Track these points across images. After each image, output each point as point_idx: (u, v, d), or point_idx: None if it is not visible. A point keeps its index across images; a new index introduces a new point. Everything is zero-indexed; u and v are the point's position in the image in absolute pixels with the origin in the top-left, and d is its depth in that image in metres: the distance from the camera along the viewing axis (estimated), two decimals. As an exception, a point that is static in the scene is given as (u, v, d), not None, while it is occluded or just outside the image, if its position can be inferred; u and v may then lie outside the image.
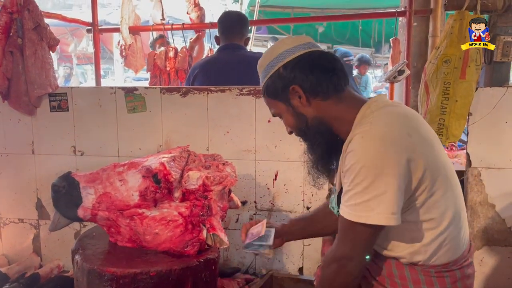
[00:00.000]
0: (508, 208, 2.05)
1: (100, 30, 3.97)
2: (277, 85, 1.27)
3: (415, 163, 1.13)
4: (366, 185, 1.12)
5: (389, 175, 1.10)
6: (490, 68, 2.10)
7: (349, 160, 1.16)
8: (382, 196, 1.11)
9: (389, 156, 1.11)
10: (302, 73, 1.24)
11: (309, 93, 1.25)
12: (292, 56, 1.26)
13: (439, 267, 1.23)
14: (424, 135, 1.20)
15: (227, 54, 2.57)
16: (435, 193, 1.18)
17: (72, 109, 2.34)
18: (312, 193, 2.19)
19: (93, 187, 1.67)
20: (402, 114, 1.23)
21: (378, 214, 1.11)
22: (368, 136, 1.14)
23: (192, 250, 1.60)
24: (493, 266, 2.10)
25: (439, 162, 1.21)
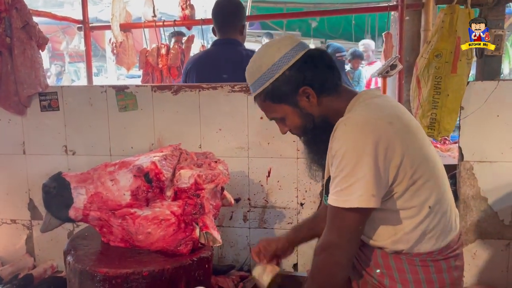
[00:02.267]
0: (500, 201, 2.06)
1: (91, 27, 3.93)
2: (285, 89, 1.27)
3: (393, 150, 1.15)
4: (348, 171, 1.15)
5: (367, 159, 1.13)
6: (481, 62, 2.10)
7: (334, 147, 1.19)
8: (362, 180, 1.14)
9: (367, 141, 1.14)
10: (311, 72, 1.26)
11: (319, 92, 1.27)
12: (296, 58, 1.26)
13: (423, 255, 1.25)
14: (406, 124, 1.23)
15: (220, 49, 2.52)
16: (416, 181, 1.20)
17: (63, 108, 2.32)
18: (306, 189, 2.19)
19: (84, 187, 1.65)
20: (387, 105, 1.27)
21: (359, 197, 1.14)
22: (350, 123, 1.18)
23: (185, 249, 1.60)
24: (486, 259, 2.11)
25: (421, 151, 1.22)
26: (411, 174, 1.19)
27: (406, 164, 1.17)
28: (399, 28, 3.43)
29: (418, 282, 1.26)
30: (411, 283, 1.26)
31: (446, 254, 1.28)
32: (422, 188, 1.21)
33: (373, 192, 1.14)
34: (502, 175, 2.04)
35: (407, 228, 1.24)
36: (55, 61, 10.31)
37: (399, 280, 1.27)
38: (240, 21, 2.57)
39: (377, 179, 1.14)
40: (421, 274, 1.26)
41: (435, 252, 1.26)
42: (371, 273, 1.33)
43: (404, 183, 1.19)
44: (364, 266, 1.35)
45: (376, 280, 1.31)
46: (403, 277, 1.27)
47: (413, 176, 1.19)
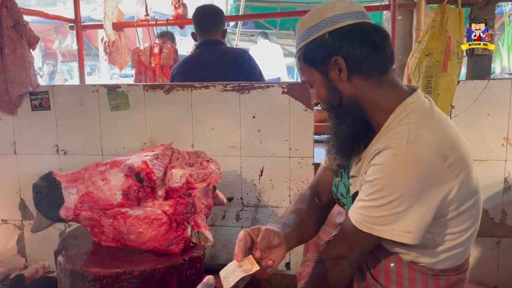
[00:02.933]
0: (491, 199, 2.08)
1: (83, 26, 3.91)
2: (318, 53, 1.15)
3: (440, 188, 1.07)
4: (386, 203, 1.07)
5: (414, 196, 1.06)
6: (472, 61, 2.11)
7: (374, 172, 1.09)
8: (400, 214, 1.07)
9: (414, 178, 1.05)
10: (349, 45, 1.12)
11: (352, 69, 1.14)
12: (342, 24, 1.13)
13: (437, 271, 1.22)
14: (460, 154, 1.12)
15: (205, 50, 2.55)
16: (463, 211, 1.14)
17: (54, 108, 2.31)
18: (298, 188, 2.19)
19: (75, 187, 1.65)
20: (440, 127, 1.14)
21: (392, 230, 1.08)
22: (401, 156, 1.06)
23: (177, 249, 1.59)
24: (477, 257, 2.13)
25: (469, 182, 1.14)
26: (458, 205, 1.13)
27: (457, 198, 1.11)
28: (391, 27, 3.44)
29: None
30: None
31: (458, 271, 1.25)
32: (467, 215, 1.16)
33: (409, 228, 1.08)
34: (493, 173, 2.06)
35: (439, 247, 1.19)
36: (48, 60, 10.24)
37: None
38: (222, 25, 2.65)
39: (417, 217, 1.07)
40: (431, 286, 1.22)
41: (450, 269, 1.23)
42: (378, 277, 1.28)
43: (450, 213, 1.13)
44: (371, 268, 1.31)
45: (381, 285, 1.27)
46: (412, 287, 1.23)
47: (461, 207, 1.13)
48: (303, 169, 2.17)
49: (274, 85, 2.15)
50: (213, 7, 2.77)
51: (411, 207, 1.06)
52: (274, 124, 2.16)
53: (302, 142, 2.14)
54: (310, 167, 2.17)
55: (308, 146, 2.15)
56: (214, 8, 2.73)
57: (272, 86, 2.15)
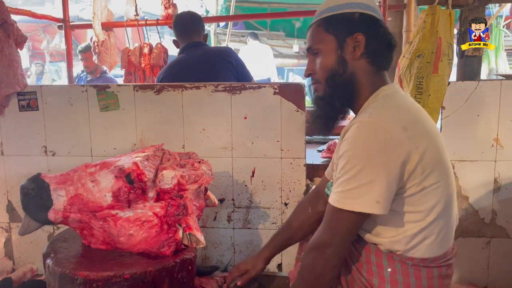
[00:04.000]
0: (481, 199, 2.09)
1: (71, 26, 3.88)
2: (344, 24, 1.26)
3: (403, 157, 1.13)
4: (354, 173, 1.14)
5: (374, 165, 1.13)
6: (462, 62, 2.13)
7: (343, 147, 1.18)
8: (369, 185, 1.13)
9: (377, 146, 1.13)
10: (374, 31, 1.25)
11: (366, 51, 1.25)
12: (370, 13, 1.27)
13: (416, 260, 1.23)
14: (422, 129, 1.20)
15: (189, 53, 2.55)
16: (426, 187, 1.18)
17: (42, 108, 2.27)
18: (290, 189, 2.19)
19: (64, 189, 1.62)
20: (404, 106, 1.24)
21: (363, 202, 1.14)
22: (364, 127, 1.16)
23: (168, 251, 1.57)
24: (467, 257, 2.14)
25: (435, 157, 1.20)
26: (421, 180, 1.17)
27: (418, 170, 1.16)
28: (381, 28, 3.45)
29: (407, 285, 1.24)
30: (400, 284, 1.24)
31: (440, 263, 1.26)
32: (431, 194, 1.19)
33: (378, 198, 1.13)
34: (483, 174, 2.07)
35: (409, 231, 1.22)
36: (36, 60, 10.12)
37: (389, 280, 1.25)
38: (203, 30, 2.70)
39: (383, 186, 1.13)
40: (412, 277, 1.24)
41: (430, 259, 1.24)
42: (361, 270, 1.31)
43: (413, 188, 1.18)
44: (354, 261, 1.33)
45: (364, 278, 1.30)
46: (393, 278, 1.25)
47: (423, 182, 1.17)
48: (295, 170, 2.17)
49: (266, 85, 2.14)
50: (192, 13, 2.80)
51: (377, 177, 1.13)
52: (266, 125, 2.15)
53: (294, 143, 2.14)
54: (302, 168, 2.16)
55: (300, 147, 2.14)
56: (193, 15, 2.76)
57: (263, 86, 2.14)
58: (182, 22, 2.66)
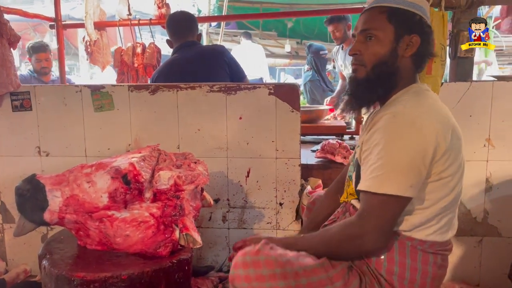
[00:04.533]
0: (473, 199, 2.12)
1: (64, 25, 3.86)
2: (407, 22, 1.31)
3: (435, 149, 1.21)
4: (388, 159, 1.20)
5: (411, 152, 1.20)
6: (454, 63, 2.15)
7: (378, 134, 1.24)
8: (402, 170, 1.19)
9: (413, 136, 1.20)
10: (428, 37, 1.35)
11: (417, 52, 1.33)
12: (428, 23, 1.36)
13: (416, 241, 1.29)
14: (450, 125, 1.29)
15: (183, 52, 2.55)
16: (442, 178, 1.26)
17: (36, 108, 2.25)
18: (285, 189, 2.20)
19: (60, 190, 1.61)
20: (435, 103, 1.33)
21: (398, 185, 1.19)
22: (400, 116, 1.24)
23: (164, 251, 1.57)
24: (460, 255, 2.17)
25: (457, 152, 1.29)
26: (442, 170, 1.25)
27: (442, 160, 1.24)
28: (374, 29, 3.48)
29: (403, 265, 1.30)
30: (396, 264, 1.30)
31: (436, 250, 1.31)
32: (445, 186, 1.27)
33: (411, 182, 1.20)
34: (475, 173, 2.10)
35: (416, 214, 1.28)
36: (25, 59, 10.01)
37: (386, 258, 1.31)
38: (196, 29, 2.69)
39: (416, 171, 1.20)
40: (408, 259, 1.29)
41: (428, 243, 1.30)
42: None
43: (433, 176, 1.25)
44: None
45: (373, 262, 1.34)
46: (390, 256, 1.31)
47: (442, 172, 1.25)
48: (289, 170, 2.18)
49: (261, 86, 2.15)
50: (185, 13, 2.80)
51: (411, 162, 1.20)
52: (261, 125, 2.16)
53: (289, 143, 2.15)
54: (297, 168, 2.18)
55: (294, 147, 2.15)
56: (186, 14, 2.76)
57: (259, 87, 2.15)
58: (176, 22, 2.66)
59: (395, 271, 1.30)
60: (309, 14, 5.96)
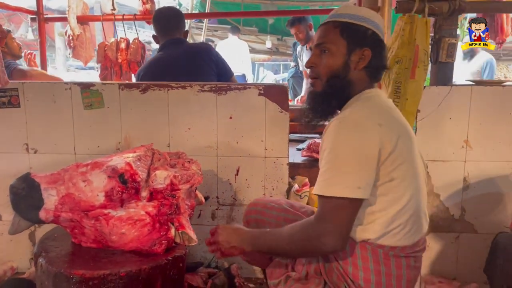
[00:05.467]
0: (451, 197, 2.24)
1: (46, 19, 3.80)
2: (359, 36, 1.38)
3: (378, 149, 1.26)
4: (335, 162, 1.25)
5: (356, 154, 1.24)
6: (436, 68, 2.25)
7: (325, 140, 1.30)
8: (349, 172, 1.23)
9: (356, 138, 1.26)
10: (379, 50, 1.41)
11: (369, 64, 1.39)
12: (380, 36, 1.42)
13: (387, 248, 1.33)
14: (396, 127, 1.34)
15: (170, 50, 2.54)
16: (394, 179, 1.29)
17: (24, 105, 2.24)
18: (273, 187, 2.26)
19: (55, 188, 1.63)
20: (381, 107, 1.39)
21: (345, 187, 1.23)
22: (344, 121, 1.30)
23: (159, 249, 1.61)
24: (438, 250, 2.28)
25: (406, 152, 1.32)
26: (391, 171, 1.28)
27: (389, 161, 1.27)
28: (357, 30, 3.57)
29: (378, 272, 1.35)
30: (372, 272, 1.35)
31: (408, 253, 1.37)
32: (398, 186, 1.30)
33: (358, 184, 1.23)
34: (453, 173, 2.22)
35: (378, 219, 1.32)
36: (-1, 50, 9.72)
37: (362, 268, 1.35)
38: (183, 26, 2.67)
39: (362, 173, 1.24)
40: (382, 266, 1.34)
41: (398, 248, 1.34)
42: (337, 259, 1.40)
43: (383, 177, 1.28)
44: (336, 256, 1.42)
45: (341, 267, 1.39)
46: (365, 266, 1.35)
47: (392, 173, 1.28)
48: (278, 168, 2.24)
49: (251, 86, 2.20)
50: (173, 8, 2.78)
51: (356, 165, 1.24)
52: (250, 125, 2.21)
53: (278, 142, 2.21)
54: (285, 167, 2.24)
55: (283, 147, 2.21)
56: (174, 9, 2.75)
57: (249, 87, 2.20)
58: (163, 17, 2.63)
59: (372, 280, 1.35)
60: (290, 13, 6.03)
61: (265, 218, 1.75)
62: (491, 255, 1.96)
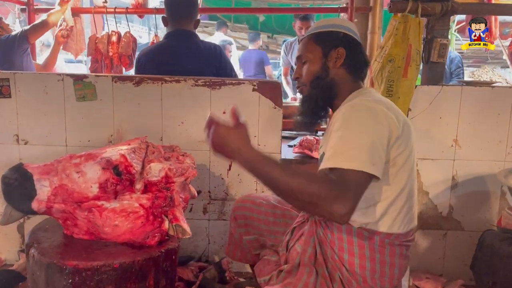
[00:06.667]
0: (439, 195, 2.28)
1: (36, 10, 3.75)
2: (331, 39, 1.50)
3: (391, 131, 1.30)
4: (349, 138, 1.26)
5: (370, 133, 1.27)
6: (427, 68, 2.29)
7: (337, 122, 1.32)
8: (363, 148, 1.23)
9: (370, 119, 1.30)
10: (353, 47, 1.51)
11: (346, 62, 1.49)
12: (353, 35, 1.53)
13: (383, 235, 1.37)
14: (400, 114, 1.40)
15: (177, 41, 2.45)
16: (396, 163, 1.34)
17: (15, 96, 2.21)
18: (265, 183, 2.27)
19: (48, 179, 1.62)
20: (381, 97, 1.49)
21: (361, 162, 1.20)
22: (356, 105, 1.35)
23: (153, 241, 1.62)
24: (426, 247, 2.33)
25: (407, 140, 1.37)
26: (396, 155, 1.33)
27: (396, 145, 1.32)
28: (348, 29, 3.60)
29: (373, 259, 1.39)
30: (368, 259, 1.39)
31: (401, 241, 1.41)
32: (398, 172, 1.35)
33: (373, 161, 1.22)
34: (442, 171, 2.26)
35: (378, 203, 1.36)
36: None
37: (358, 255, 1.39)
38: (196, 14, 2.55)
39: (375, 151, 1.24)
40: (377, 253, 1.39)
41: (394, 235, 1.39)
42: (333, 247, 1.42)
43: (388, 162, 1.32)
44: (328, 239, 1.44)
45: (336, 255, 1.42)
46: (361, 252, 1.39)
47: (397, 158, 1.33)
48: (270, 164, 2.25)
49: (245, 82, 2.21)
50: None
51: (370, 143, 1.25)
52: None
53: (271, 138, 2.22)
54: (277, 163, 2.25)
55: (276, 143, 2.23)
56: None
57: (243, 83, 2.21)
58: (176, 2, 2.49)
59: (367, 267, 1.39)
60: (283, 11, 6.05)
61: (254, 214, 1.77)
62: (478, 252, 2.01)
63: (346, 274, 1.40)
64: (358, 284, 1.40)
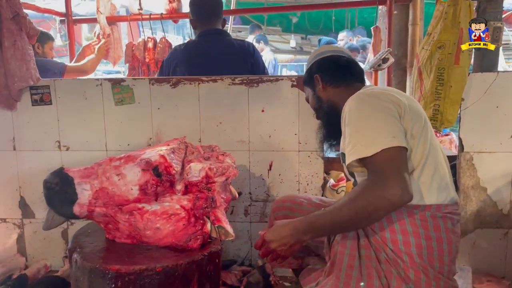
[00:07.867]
0: (499, 191, 2.10)
1: (74, 20, 3.83)
2: (308, 75, 1.68)
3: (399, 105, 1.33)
4: (362, 125, 1.31)
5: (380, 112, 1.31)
6: (480, 54, 2.12)
7: (346, 115, 1.37)
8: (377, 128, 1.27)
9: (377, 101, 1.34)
10: (322, 67, 1.63)
11: (325, 82, 1.62)
12: (324, 56, 1.66)
13: (422, 207, 1.31)
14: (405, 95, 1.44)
15: (209, 41, 2.41)
16: (413, 135, 1.33)
17: (56, 102, 2.23)
18: (307, 182, 2.18)
19: (89, 183, 1.59)
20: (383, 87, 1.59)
21: (382, 141, 1.24)
22: (356, 98, 1.39)
23: (195, 244, 1.56)
24: (486, 247, 2.15)
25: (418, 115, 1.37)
26: (410, 127, 1.33)
27: (407, 117, 1.33)
28: (388, 22, 3.46)
29: (417, 234, 1.31)
30: (411, 234, 1.31)
31: (444, 213, 1.33)
32: (420, 142, 1.34)
33: (392, 134, 1.26)
34: (501, 165, 2.08)
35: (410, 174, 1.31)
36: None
37: (400, 231, 1.32)
38: (223, 14, 2.56)
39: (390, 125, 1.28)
40: (420, 228, 1.31)
41: (433, 206, 1.32)
42: (374, 228, 1.35)
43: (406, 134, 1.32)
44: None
45: (378, 236, 1.34)
46: (403, 228, 1.31)
47: (412, 130, 1.33)
48: (312, 163, 2.16)
49: (284, 78, 2.13)
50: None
51: (383, 120, 1.29)
52: (283, 118, 2.14)
53: (312, 136, 2.13)
54: (320, 161, 2.16)
55: (317, 140, 2.13)
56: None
57: (281, 79, 2.13)
58: (204, 5, 2.50)
59: (411, 242, 1.30)
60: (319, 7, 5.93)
61: (295, 214, 1.68)
62: (546, 252, 1.83)
63: (391, 254, 1.32)
64: (405, 264, 1.30)
